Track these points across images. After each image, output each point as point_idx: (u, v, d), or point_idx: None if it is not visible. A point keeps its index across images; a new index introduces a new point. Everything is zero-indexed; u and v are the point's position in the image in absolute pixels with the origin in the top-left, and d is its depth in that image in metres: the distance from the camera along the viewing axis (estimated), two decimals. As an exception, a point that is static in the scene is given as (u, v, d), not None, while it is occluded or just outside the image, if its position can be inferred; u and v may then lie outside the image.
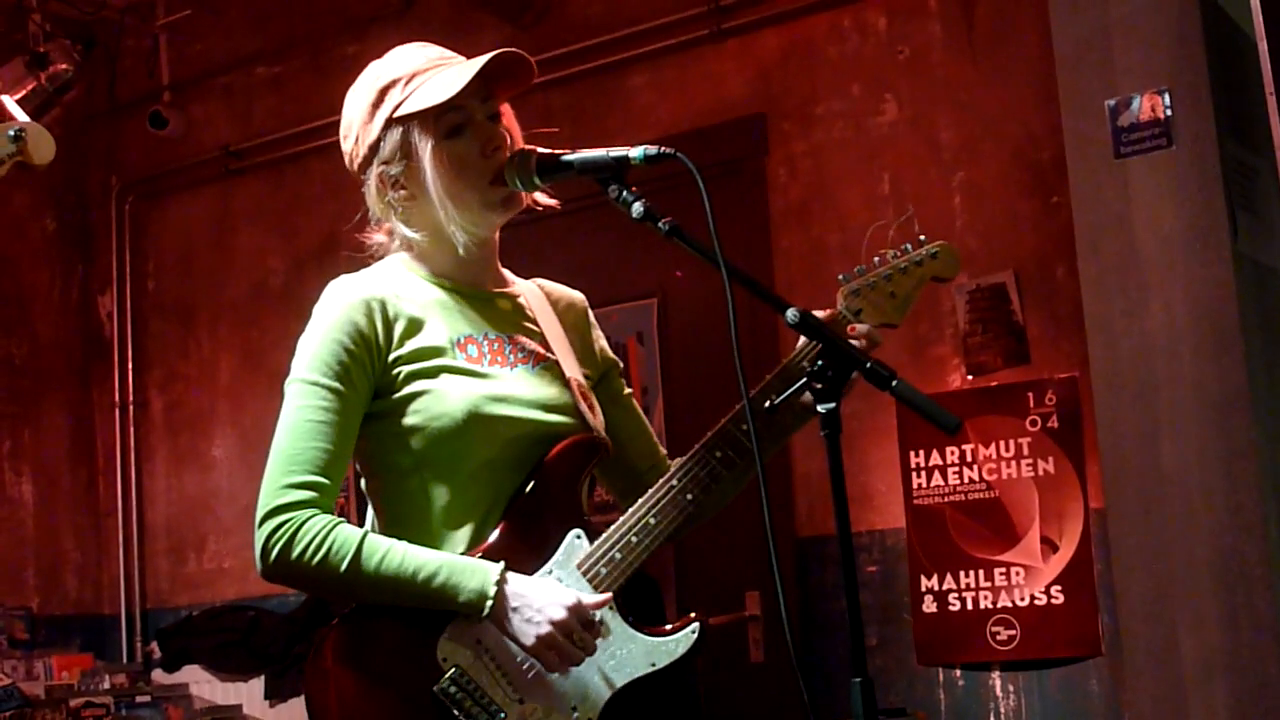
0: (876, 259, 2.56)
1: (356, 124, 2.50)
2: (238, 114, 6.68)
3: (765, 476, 2.17)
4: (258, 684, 6.06)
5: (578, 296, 2.73)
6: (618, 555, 2.39)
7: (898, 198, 5.01)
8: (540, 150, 2.39)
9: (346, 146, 2.53)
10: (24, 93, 6.00)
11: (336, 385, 2.36)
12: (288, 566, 2.30)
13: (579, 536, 2.41)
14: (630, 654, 2.38)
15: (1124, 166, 3.92)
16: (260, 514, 2.32)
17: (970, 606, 4.69)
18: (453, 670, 2.29)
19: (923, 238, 2.59)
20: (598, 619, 2.35)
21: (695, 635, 2.43)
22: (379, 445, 2.43)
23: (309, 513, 2.31)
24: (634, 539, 2.40)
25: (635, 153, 2.26)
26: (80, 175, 7.04)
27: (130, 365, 6.87)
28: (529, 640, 2.30)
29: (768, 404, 2.38)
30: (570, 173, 2.35)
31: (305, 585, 2.38)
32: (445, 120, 2.43)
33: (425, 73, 2.47)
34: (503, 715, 2.29)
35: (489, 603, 2.28)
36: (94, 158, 7.06)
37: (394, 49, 2.56)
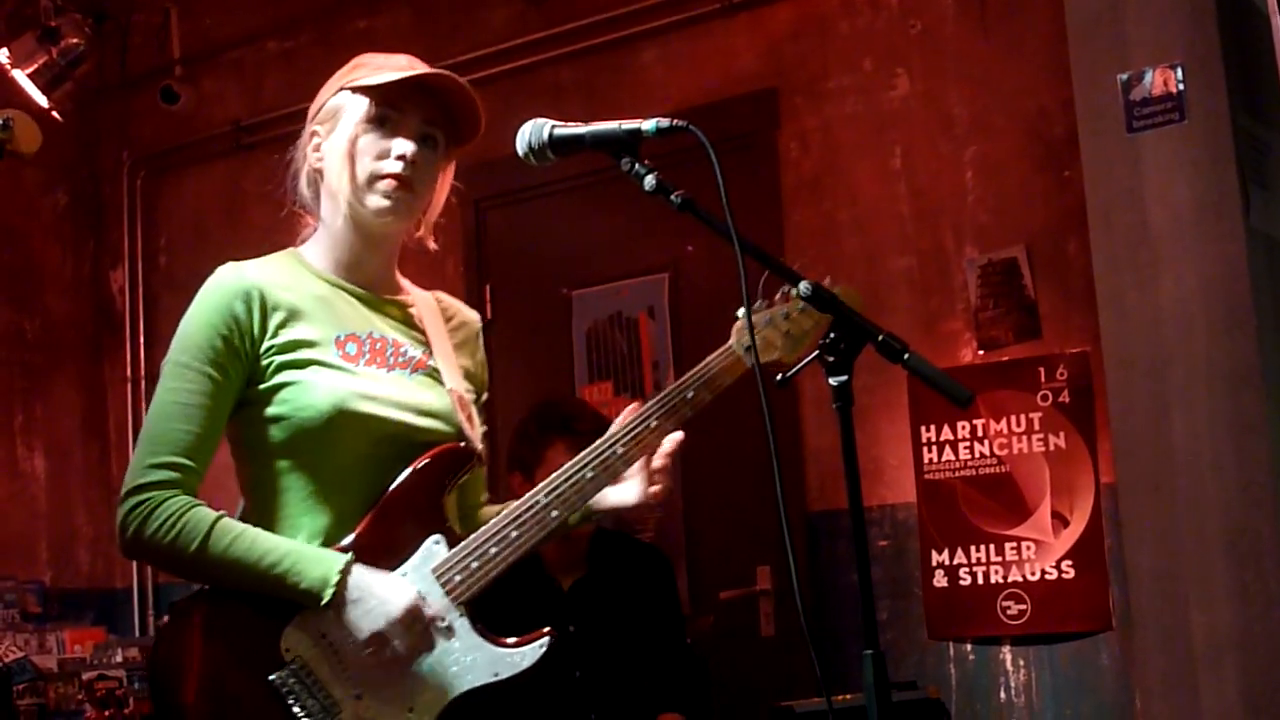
0: (780, 294, 2.56)
1: (324, 93, 2.57)
2: (248, 89, 6.68)
3: (777, 450, 2.17)
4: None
5: (472, 315, 2.75)
6: (474, 564, 2.40)
7: (909, 172, 5.01)
8: (554, 123, 2.38)
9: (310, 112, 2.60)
10: (36, 67, 6.01)
11: (208, 370, 2.41)
12: (142, 544, 2.34)
13: (437, 542, 2.42)
14: (475, 661, 2.39)
15: (1136, 141, 3.91)
16: (122, 492, 2.36)
17: (981, 581, 4.69)
18: (293, 660, 2.31)
19: (827, 280, 2.57)
20: (444, 624, 2.36)
21: (543, 649, 2.42)
22: (246, 432, 2.46)
23: (168, 493, 2.35)
24: (492, 549, 2.41)
25: (648, 125, 2.26)
26: (92, 150, 7.04)
27: (142, 340, 6.89)
28: (362, 634, 2.32)
29: (779, 377, 2.38)
30: (583, 146, 2.35)
31: (159, 564, 2.43)
32: (379, 109, 2.48)
33: (398, 68, 2.51)
34: (338, 710, 2.31)
35: (329, 591, 2.30)
36: (105, 132, 7.06)
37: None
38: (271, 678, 2.30)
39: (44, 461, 6.70)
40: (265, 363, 2.42)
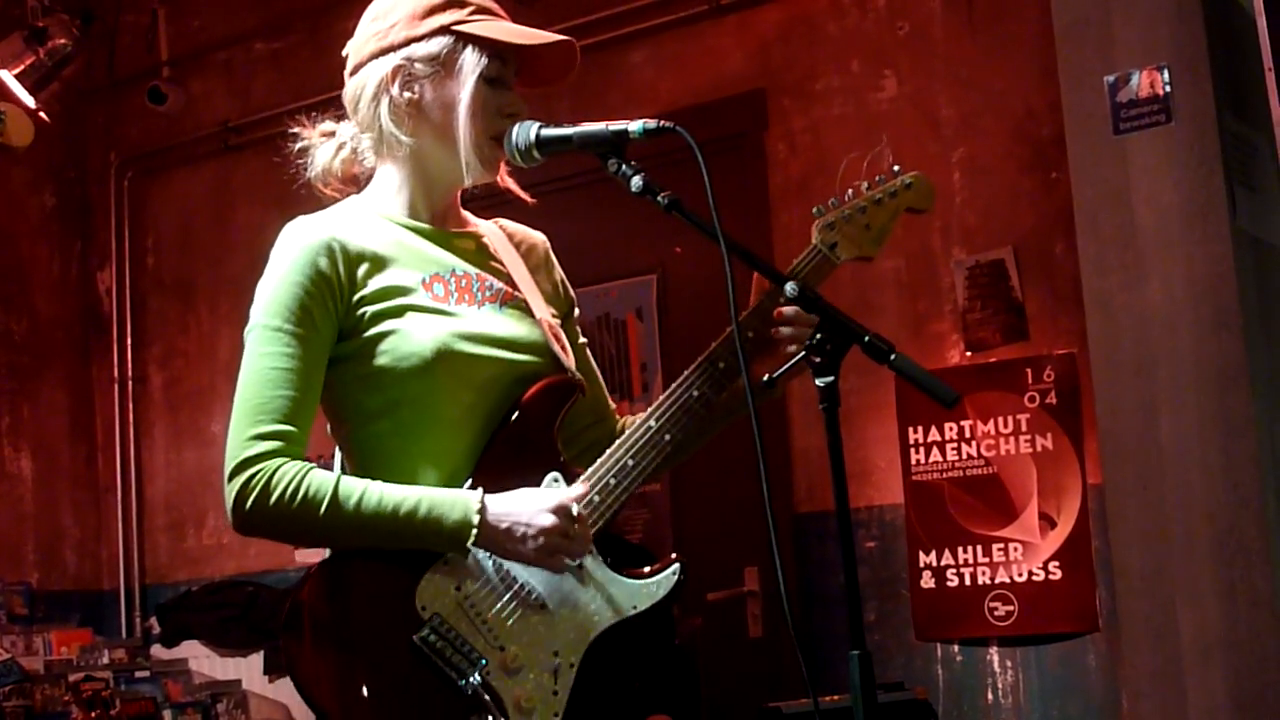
0: (850, 191, 2.52)
1: (402, 13, 2.46)
2: (237, 89, 6.68)
3: (764, 452, 2.16)
4: (257, 659, 6.07)
5: (539, 237, 2.69)
6: (595, 498, 2.37)
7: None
8: (541, 124, 2.38)
9: (373, 27, 2.48)
10: (23, 68, 6.00)
11: (299, 330, 2.32)
12: (264, 515, 2.27)
13: (556, 480, 2.39)
14: (611, 597, 2.37)
15: (1123, 142, 3.91)
16: (230, 467, 2.30)
17: (968, 582, 4.70)
18: (432, 618, 2.28)
19: (896, 168, 2.56)
20: (576, 562, 2.34)
21: (676, 576, 2.41)
22: (346, 389, 2.39)
23: (280, 460, 2.28)
24: (612, 481, 2.37)
25: (634, 127, 2.25)
26: (79, 151, 7.03)
27: (129, 341, 6.88)
28: (530, 555, 2.28)
29: (766, 377, 2.38)
30: (570, 146, 2.34)
31: (283, 534, 2.35)
32: (492, 63, 2.42)
33: (494, 15, 2.47)
34: (484, 662, 2.28)
35: (474, 530, 2.26)
36: (93, 133, 7.05)
37: None
38: (415, 637, 2.26)
39: (31, 463, 6.69)
40: (359, 314, 2.35)
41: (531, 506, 2.30)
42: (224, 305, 6.63)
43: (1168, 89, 3.84)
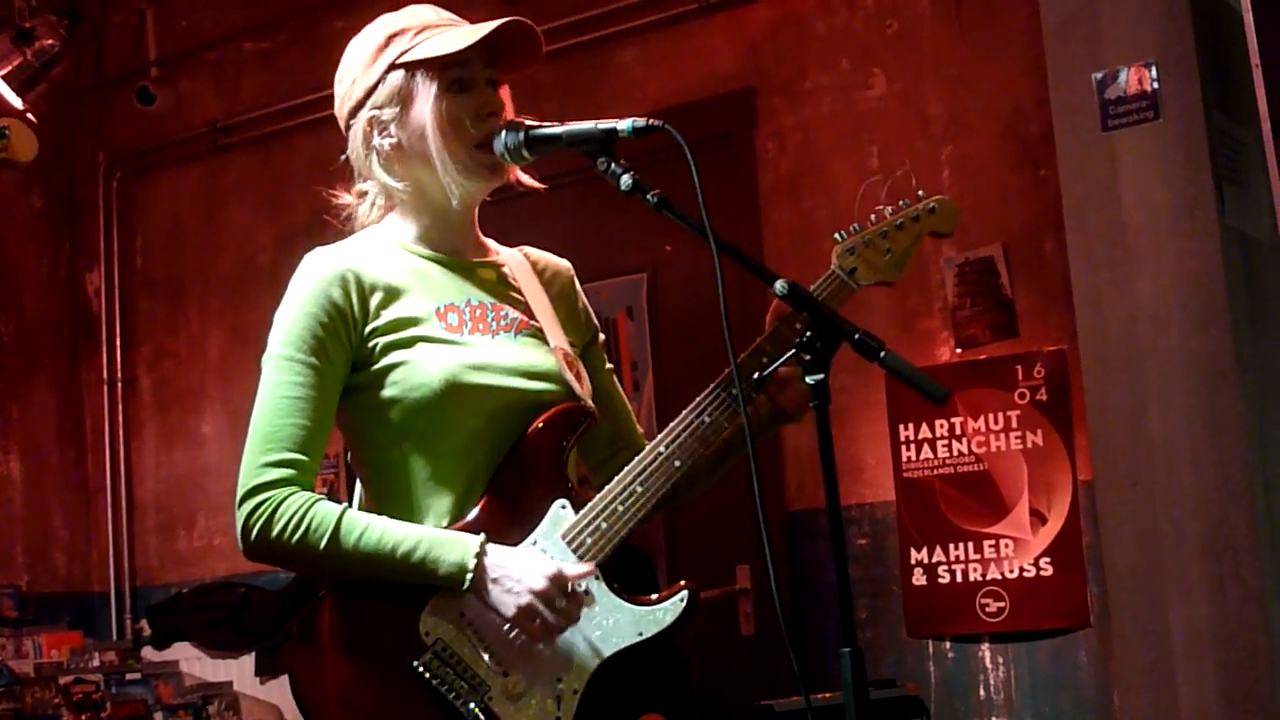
0: (873, 216, 2.51)
1: (357, 67, 2.47)
2: (226, 89, 6.66)
3: (755, 450, 2.16)
4: (248, 661, 6.06)
5: (563, 264, 2.69)
6: (604, 524, 2.36)
7: (887, 171, 5.00)
8: (530, 122, 2.38)
9: (340, 90, 2.50)
10: (10, 68, 5.99)
11: (312, 360, 2.34)
12: (268, 546, 2.30)
13: (564, 506, 2.39)
14: (617, 623, 2.36)
15: (1111, 139, 3.92)
16: (240, 494, 2.32)
17: (959, 579, 4.70)
18: (435, 644, 2.29)
19: (921, 193, 2.55)
20: (582, 589, 2.33)
21: (684, 603, 2.40)
22: (359, 419, 2.41)
23: (288, 491, 2.30)
24: (620, 507, 2.36)
25: (624, 125, 2.25)
26: (67, 151, 7.01)
27: (118, 342, 6.86)
28: (509, 610, 2.28)
29: (756, 375, 2.37)
30: (559, 145, 2.34)
31: (287, 564, 2.38)
32: (449, 74, 2.42)
33: (436, 28, 2.47)
34: (486, 689, 2.28)
35: (469, 575, 2.27)
36: (81, 133, 7.03)
37: (408, 6, 2.54)
38: (416, 663, 2.27)
39: (20, 464, 6.67)
40: (371, 345, 2.37)
41: (529, 567, 2.30)
42: (213, 305, 6.62)
43: (1155, 85, 3.85)
